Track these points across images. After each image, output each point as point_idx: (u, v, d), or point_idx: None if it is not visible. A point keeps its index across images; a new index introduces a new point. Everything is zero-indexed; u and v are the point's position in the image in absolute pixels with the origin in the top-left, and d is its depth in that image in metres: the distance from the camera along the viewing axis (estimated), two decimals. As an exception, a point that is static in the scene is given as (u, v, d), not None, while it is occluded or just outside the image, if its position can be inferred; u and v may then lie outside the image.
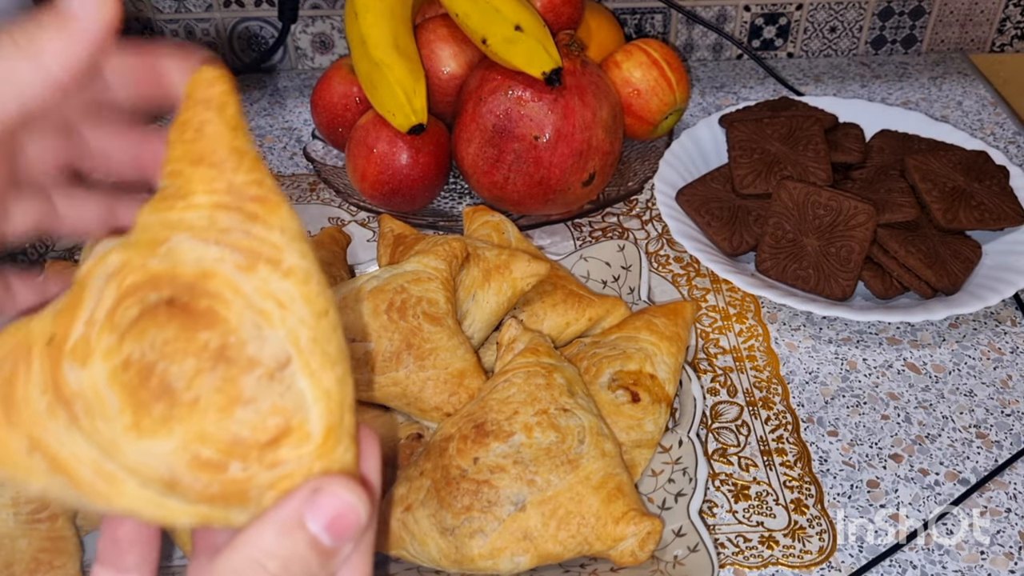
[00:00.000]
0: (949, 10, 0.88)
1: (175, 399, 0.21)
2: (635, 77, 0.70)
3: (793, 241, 0.62)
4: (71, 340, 0.21)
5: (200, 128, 0.23)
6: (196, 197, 0.22)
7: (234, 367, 0.21)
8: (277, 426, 0.22)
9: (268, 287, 0.22)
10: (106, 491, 0.22)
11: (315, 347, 0.22)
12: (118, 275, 0.22)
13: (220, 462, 0.21)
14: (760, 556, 0.48)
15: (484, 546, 0.43)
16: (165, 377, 0.21)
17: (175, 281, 0.21)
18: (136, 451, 0.21)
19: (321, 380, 0.22)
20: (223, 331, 0.21)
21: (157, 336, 0.21)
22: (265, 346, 0.22)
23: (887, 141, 0.70)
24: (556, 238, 0.69)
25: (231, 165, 0.23)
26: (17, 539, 0.44)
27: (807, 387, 0.57)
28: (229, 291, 0.22)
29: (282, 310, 0.22)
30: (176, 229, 0.22)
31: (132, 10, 0.85)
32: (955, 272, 0.60)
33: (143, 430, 0.21)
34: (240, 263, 0.22)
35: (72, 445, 0.21)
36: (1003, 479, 0.51)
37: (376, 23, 0.64)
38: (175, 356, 0.21)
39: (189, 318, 0.21)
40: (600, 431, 0.46)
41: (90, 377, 0.21)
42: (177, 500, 0.22)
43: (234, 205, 0.22)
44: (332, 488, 0.22)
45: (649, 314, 0.54)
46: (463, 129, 0.65)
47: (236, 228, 0.22)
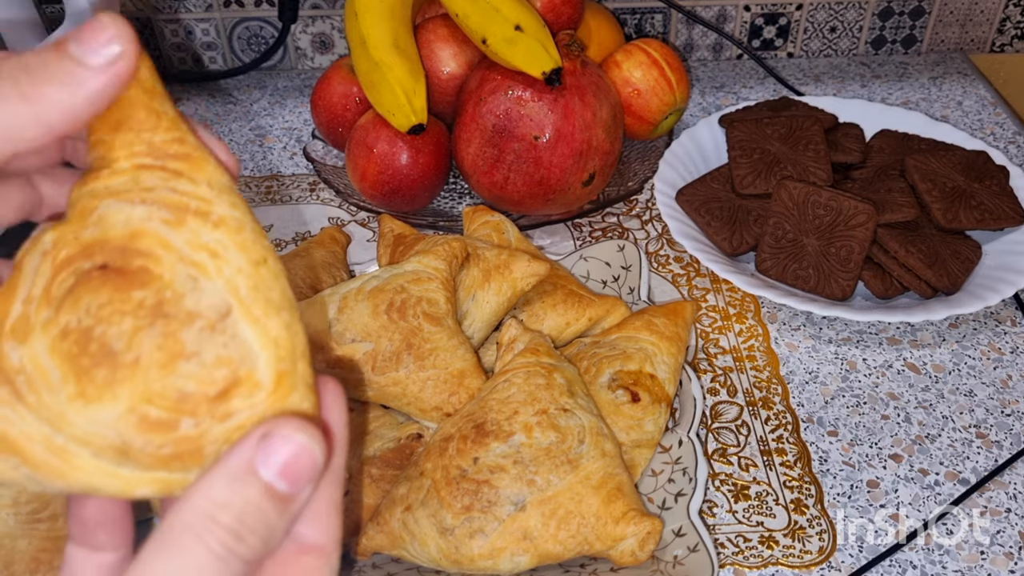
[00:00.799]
0: (949, 10, 0.88)
1: (116, 361, 0.21)
2: (635, 77, 0.70)
3: (793, 241, 0.62)
4: (10, 320, 0.21)
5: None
6: (119, 163, 0.22)
7: (173, 321, 0.21)
8: (224, 377, 0.21)
9: (199, 239, 0.22)
10: (60, 466, 0.21)
11: (256, 295, 0.22)
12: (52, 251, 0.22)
13: (169, 420, 0.21)
14: (760, 556, 0.48)
15: (484, 546, 0.43)
16: (104, 340, 0.21)
17: (106, 246, 0.21)
18: (84, 420, 0.21)
19: (266, 327, 0.22)
20: (158, 287, 0.21)
21: (92, 301, 0.21)
22: (203, 297, 0.21)
23: (887, 141, 0.70)
24: (556, 238, 0.69)
25: (149, 126, 0.22)
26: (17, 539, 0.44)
27: (807, 387, 0.57)
28: (160, 247, 0.21)
29: (216, 260, 0.21)
30: (102, 197, 0.22)
31: (132, 9, 0.85)
32: (955, 272, 0.60)
33: (88, 397, 0.21)
34: (168, 218, 0.21)
35: (20, 423, 0.21)
36: (1003, 479, 0.51)
37: (376, 23, 0.64)
38: (112, 318, 0.21)
39: (122, 279, 0.21)
40: (600, 431, 0.46)
41: (30, 351, 0.21)
42: (132, 468, 0.21)
43: (156, 165, 0.22)
44: (283, 430, 0.21)
45: (649, 314, 0.54)
46: (463, 129, 0.65)
47: (161, 186, 0.22)
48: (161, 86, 0.23)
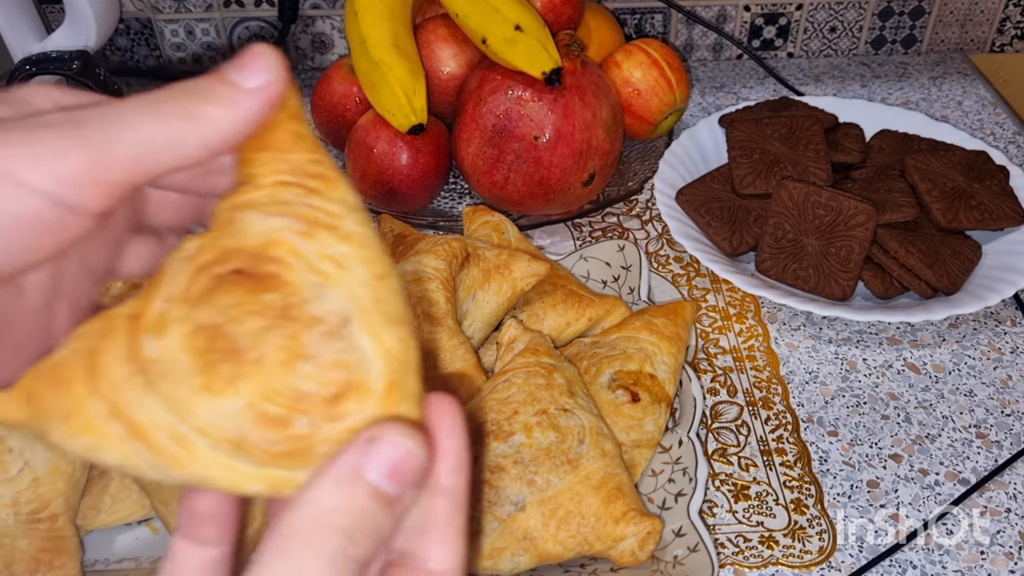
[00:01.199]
0: (949, 10, 0.88)
1: (241, 358, 0.22)
2: (635, 77, 0.70)
3: (793, 241, 0.62)
4: (150, 314, 0.23)
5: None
6: (261, 179, 0.24)
7: (297, 324, 0.22)
8: (339, 380, 0.22)
9: (327, 250, 0.23)
10: (180, 455, 0.22)
11: (376, 307, 0.23)
12: (195, 256, 0.23)
13: (285, 417, 0.22)
14: (760, 556, 0.48)
15: (484, 546, 0.43)
16: (232, 338, 0.22)
17: (242, 252, 0.23)
18: (207, 411, 0.22)
19: (382, 338, 0.23)
20: (286, 292, 0.23)
21: (225, 301, 0.22)
22: (326, 304, 0.23)
23: (887, 141, 0.70)
24: (556, 238, 0.69)
25: (291, 147, 0.25)
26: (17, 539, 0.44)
27: (807, 387, 0.57)
28: (291, 255, 0.23)
29: (341, 270, 0.23)
30: (244, 208, 0.24)
31: (133, 10, 0.85)
32: (955, 272, 0.60)
33: (213, 389, 0.22)
34: (300, 230, 0.23)
35: (149, 411, 0.22)
36: (1003, 479, 0.51)
37: (376, 23, 0.64)
38: (241, 318, 0.22)
39: (254, 282, 0.23)
40: (600, 431, 0.46)
41: (165, 345, 0.22)
42: (246, 462, 0.22)
43: (295, 182, 0.24)
44: (386, 435, 0.22)
45: (649, 314, 0.54)
46: (463, 129, 0.65)
47: (297, 201, 0.24)
48: (303, 112, 0.25)
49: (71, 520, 0.46)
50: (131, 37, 0.87)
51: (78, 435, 0.23)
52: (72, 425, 0.23)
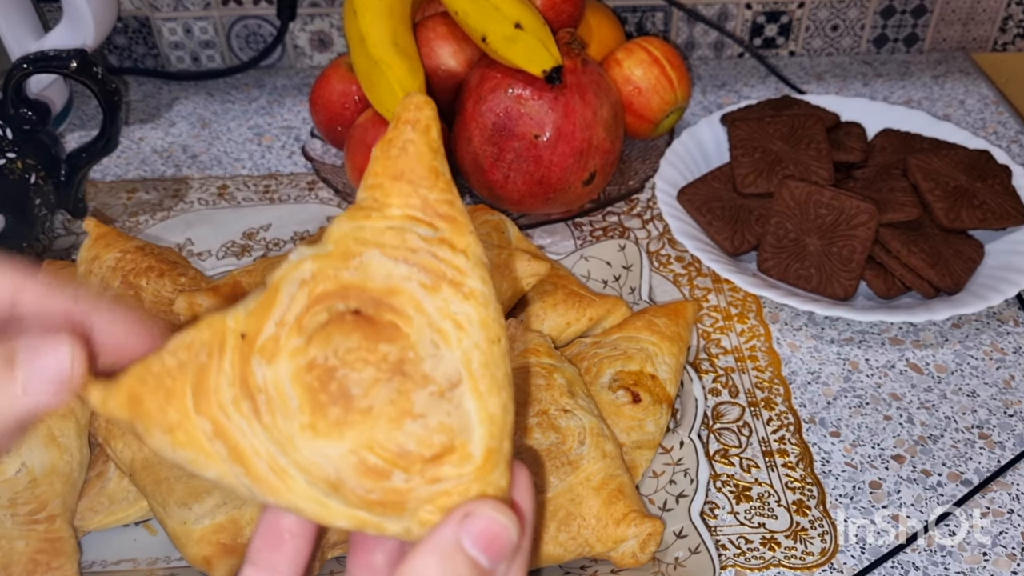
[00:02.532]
0: (951, 9, 0.88)
1: (351, 405, 0.22)
2: (636, 75, 0.70)
3: (795, 241, 0.62)
4: (261, 338, 0.23)
5: (404, 147, 0.25)
6: (391, 209, 0.24)
7: (409, 381, 0.22)
8: (442, 443, 0.23)
9: (449, 308, 0.23)
10: (276, 485, 0.23)
11: (485, 371, 0.23)
12: (311, 282, 0.23)
13: (385, 470, 0.22)
14: (762, 558, 0.47)
15: None
16: (344, 383, 0.22)
17: (363, 294, 0.23)
18: (309, 450, 0.22)
19: (487, 404, 0.23)
20: (403, 346, 0.23)
21: (341, 343, 0.22)
22: (440, 365, 0.23)
23: (889, 140, 0.70)
24: (556, 237, 0.68)
25: (428, 183, 0.24)
26: (15, 540, 0.44)
27: (809, 387, 0.57)
28: (412, 308, 0.23)
29: (459, 331, 0.23)
30: (369, 244, 0.24)
31: (131, 8, 0.85)
32: (958, 272, 0.60)
33: (318, 431, 0.22)
34: (425, 282, 0.23)
35: (252, 437, 0.23)
36: (1006, 480, 0.51)
37: (375, 21, 0.64)
38: (356, 364, 0.22)
39: (373, 329, 0.23)
40: (601, 432, 0.46)
41: (275, 374, 0.23)
42: (338, 502, 0.23)
43: (425, 220, 0.24)
44: (483, 511, 0.23)
45: (650, 314, 0.54)
46: (463, 128, 0.65)
47: (424, 249, 0.24)
48: (443, 149, 0.25)
49: (69, 521, 0.46)
50: (129, 35, 0.87)
51: (180, 447, 0.23)
52: (176, 437, 0.23)
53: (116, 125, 0.63)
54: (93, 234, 0.55)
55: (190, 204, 0.73)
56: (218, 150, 0.80)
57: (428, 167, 0.25)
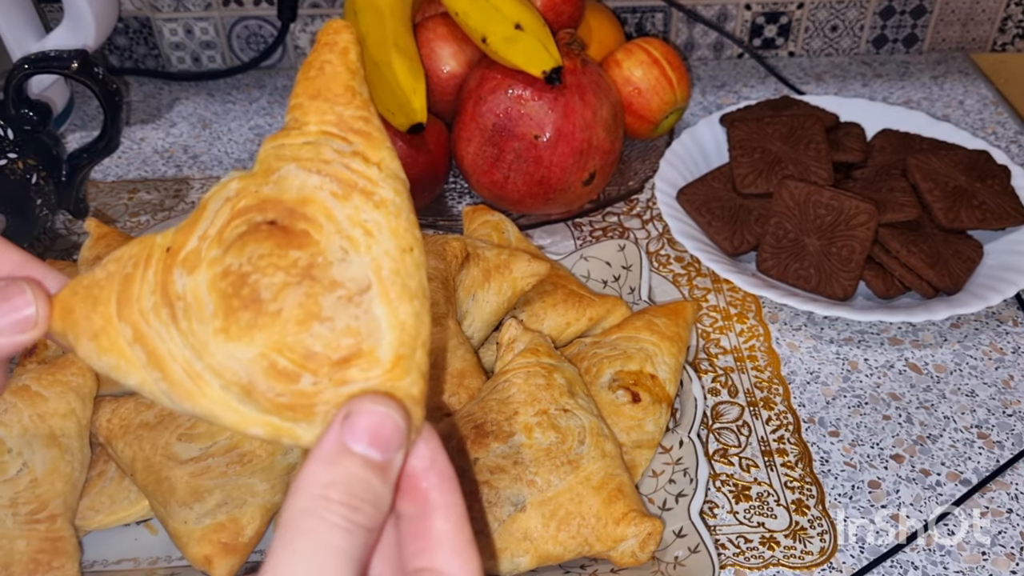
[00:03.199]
0: (950, 9, 0.88)
1: (261, 308, 0.23)
2: (636, 76, 0.70)
3: (794, 241, 0.62)
4: (184, 251, 0.24)
5: (321, 67, 0.26)
6: (308, 126, 0.25)
7: (318, 285, 0.23)
8: (349, 346, 0.23)
9: (359, 216, 0.24)
10: (192, 390, 0.23)
11: (396, 279, 0.24)
12: (234, 198, 0.24)
13: (293, 372, 0.23)
14: (761, 557, 0.47)
15: (484, 547, 0.43)
16: (256, 287, 0.23)
17: (279, 205, 0.24)
18: (222, 353, 0.23)
19: (397, 311, 0.23)
20: (312, 252, 0.23)
21: (255, 250, 0.23)
22: (348, 270, 0.23)
23: (888, 140, 0.70)
24: (556, 238, 0.68)
25: (344, 100, 0.25)
26: (16, 540, 0.44)
27: (808, 387, 0.57)
28: (323, 216, 0.23)
29: (369, 238, 0.24)
30: (286, 160, 0.24)
31: (132, 9, 0.85)
32: (957, 272, 0.60)
33: (230, 334, 0.23)
34: (336, 192, 0.24)
35: (169, 342, 0.23)
36: (1005, 479, 0.51)
37: (375, 22, 0.64)
38: (267, 269, 0.23)
39: (285, 237, 0.23)
40: (601, 431, 0.46)
41: (193, 282, 0.23)
42: (251, 407, 0.23)
43: (339, 134, 0.25)
44: (361, 406, 0.22)
45: (650, 314, 0.54)
46: (463, 128, 0.65)
47: (336, 160, 0.24)
48: (362, 70, 0.26)
49: (70, 521, 0.46)
50: (130, 36, 0.87)
51: (104, 353, 0.24)
52: (99, 343, 0.24)
53: (117, 125, 0.64)
54: (94, 234, 0.55)
55: (191, 204, 0.73)
56: (219, 150, 0.80)
57: (344, 86, 0.25)
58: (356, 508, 0.22)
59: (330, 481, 0.22)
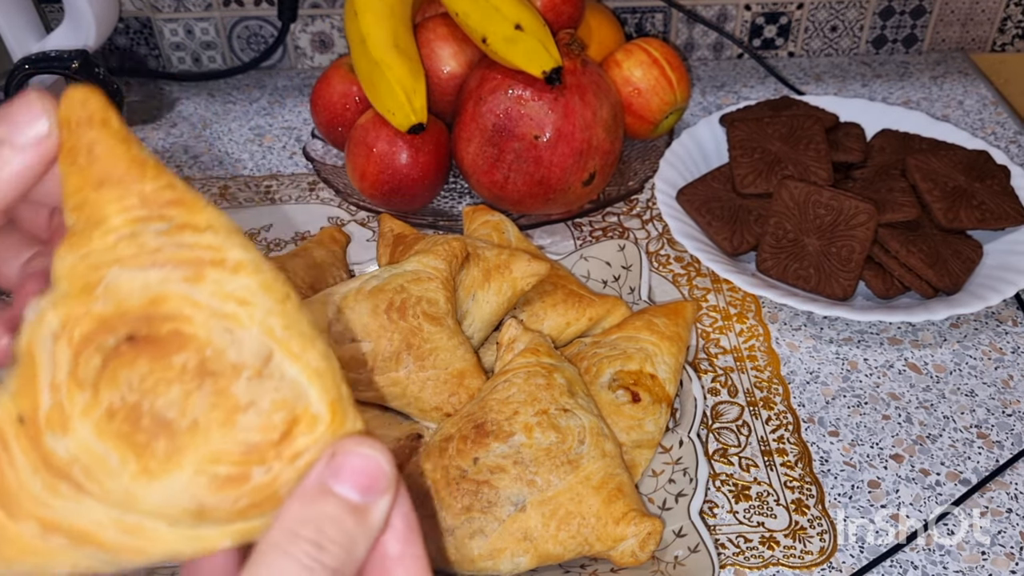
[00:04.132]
0: (950, 9, 0.88)
1: (173, 430, 0.20)
2: (635, 76, 0.70)
3: (794, 241, 0.62)
4: (42, 411, 0.20)
5: (90, 150, 0.22)
6: (111, 220, 0.21)
7: (221, 379, 0.21)
8: (283, 419, 0.21)
9: (223, 289, 0.21)
10: (137, 544, 0.21)
11: (290, 332, 0.22)
12: (63, 332, 0.21)
13: (240, 474, 0.21)
14: (761, 556, 0.47)
15: (484, 547, 0.43)
16: (155, 412, 0.20)
17: (126, 317, 0.21)
18: (153, 495, 0.21)
19: (308, 361, 0.22)
20: (196, 347, 0.21)
21: (132, 375, 0.20)
22: (243, 347, 0.21)
23: (888, 140, 0.70)
24: (556, 238, 0.69)
25: (135, 176, 0.22)
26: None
27: (808, 387, 0.57)
28: (187, 307, 0.21)
29: (246, 307, 0.21)
30: (105, 266, 0.21)
31: (132, 9, 0.85)
32: (956, 272, 0.60)
33: (153, 473, 0.20)
34: (187, 275, 0.21)
35: (86, 512, 0.21)
36: (1004, 479, 0.51)
37: (376, 22, 0.64)
38: (158, 388, 0.20)
39: (157, 347, 0.20)
40: (600, 431, 0.46)
41: (77, 440, 0.20)
42: (211, 526, 0.21)
43: (153, 215, 0.21)
44: (347, 447, 0.22)
45: (650, 314, 0.54)
46: (463, 128, 0.65)
47: (167, 243, 0.21)
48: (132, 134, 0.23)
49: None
50: (130, 36, 0.87)
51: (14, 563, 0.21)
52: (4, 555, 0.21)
53: (117, 126, 0.64)
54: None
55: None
56: (219, 151, 0.80)
57: (127, 160, 0.22)
58: (323, 548, 0.21)
59: (303, 518, 0.21)
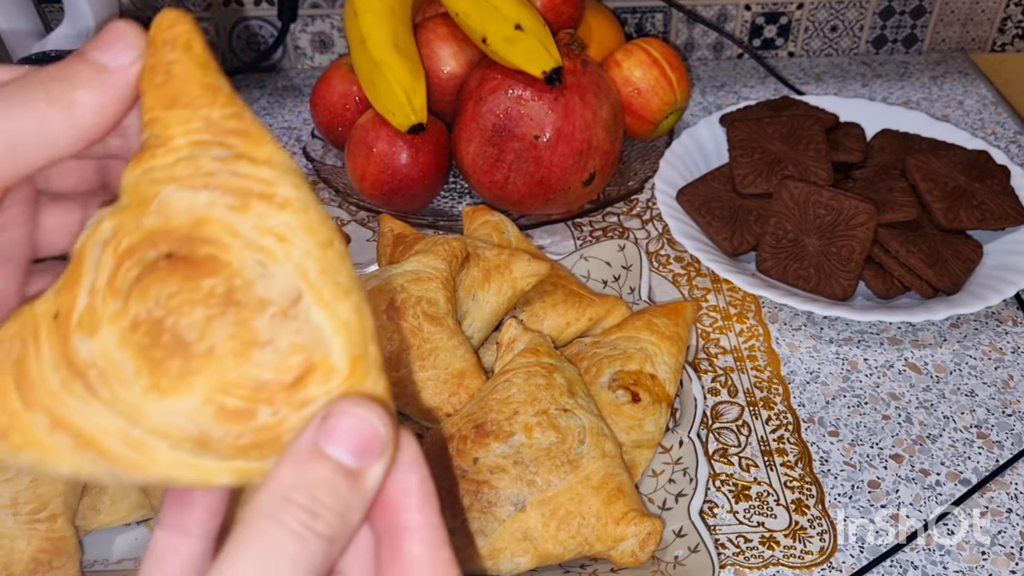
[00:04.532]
0: (950, 9, 0.88)
1: (190, 352, 0.20)
2: (635, 76, 0.70)
3: (794, 241, 0.62)
4: (76, 312, 0.21)
5: (168, 70, 0.22)
6: (175, 140, 0.22)
7: (245, 310, 0.21)
8: (299, 364, 0.21)
9: (265, 223, 0.21)
10: (137, 459, 0.21)
11: (325, 278, 0.21)
12: (113, 240, 0.21)
13: (247, 409, 0.21)
14: (761, 556, 0.47)
15: (484, 547, 0.43)
16: (176, 331, 0.20)
17: (170, 235, 0.21)
18: (160, 412, 0.21)
19: (337, 311, 0.21)
20: (227, 275, 0.21)
21: (161, 291, 0.20)
22: (273, 284, 0.21)
23: (888, 140, 0.70)
24: (556, 238, 0.69)
25: (206, 101, 0.22)
26: (16, 539, 0.44)
27: (808, 387, 0.57)
28: (226, 234, 0.21)
29: (284, 244, 0.21)
30: (162, 183, 0.21)
31: (132, 9, 0.85)
32: (956, 272, 0.60)
33: (163, 389, 0.20)
34: (232, 204, 0.21)
35: (95, 417, 0.21)
36: (1004, 479, 0.51)
37: (376, 22, 0.64)
38: (182, 308, 0.20)
39: (191, 268, 0.21)
40: (600, 431, 0.46)
41: (101, 345, 0.21)
42: (211, 458, 0.21)
43: (214, 141, 0.22)
44: (343, 408, 0.21)
45: (649, 314, 0.54)
46: (463, 128, 0.65)
47: (222, 170, 0.21)
48: (215, 61, 0.23)
49: (70, 520, 0.46)
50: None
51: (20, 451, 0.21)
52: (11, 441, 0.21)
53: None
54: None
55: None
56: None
57: (201, 85, 0.22)
58: (316, 515, 0.20)
59: (294, 484, 0.20)
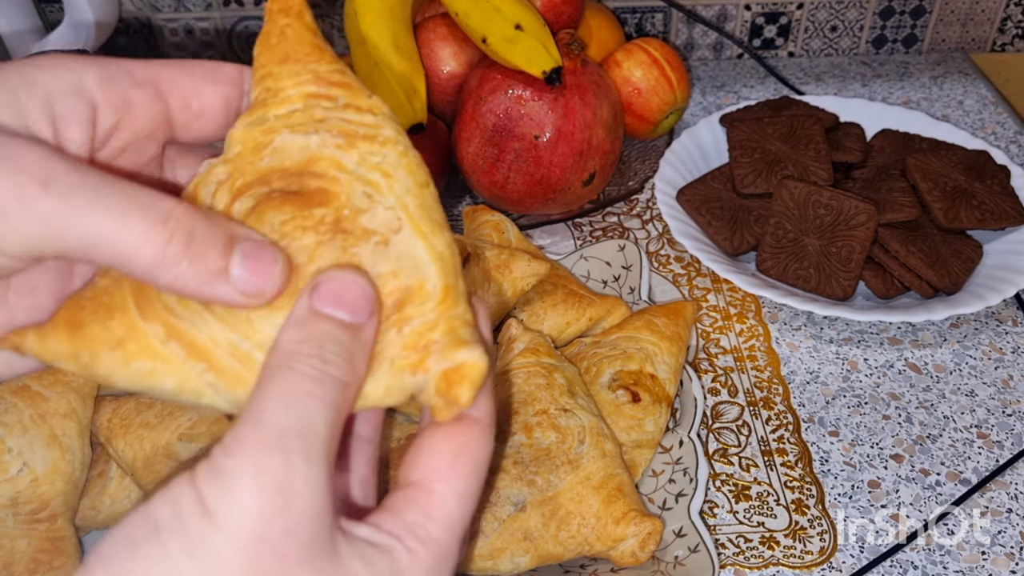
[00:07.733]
0: (950, 9, 0.88)
1: (299, 273, 0.22)
2: (635, 76, 0.70)
3: (794, 241, 0.62)
4: None
5: (283, 32, 0.25)
6: (287, 91, 0.24)
7: (351, 237, 0.23)
8: (399, 288, 0.23)
9: (371, 160, 0.23)
10: (243, 373, 0.22)
11: (423, 213, 0.23)
12: (227, 181, 0.23)
13: None
14: (761, 556, 0.47)
15: (484, 547, 0.43)
16: (288, 253, 0.22)
17: (283, 172, 0.23)
18: (269, 327, 0.22)
19: (433, 243, 0.23)
20: (336, 205, 0.23)
21: (275, 218, 0.22)
22: (377, 214, 0.23)
23: (888, 140, 0.70)
24: (556, 238, 0.69)
25: (314, 58, 0.25)
26: (16, 539, 0.44)
27: (808, 387, 0.57)
28: (335, 169, 0.23)
29: (388, 179, 0.23)
30: (276, 131, 0.24)
31: (132, 9, 0.85)
32: (956, 272, 0.60)
33: (273, 305, 0.22)
34: (340, 143, 0.23)
35: (207, 330, 0.22)
36: (1004, 479, 0.51)
37: (376, 23, 0.64)
38: (294, 233, 0.22)
39: (302, 199, 0.23)
40: (600, 431, 0.46)
41: None
42: None
43: (323, 93, 0.24)
44: (328, 275, 0.22)
45: (650, 314, 0.54)
46: (463, 128, 0.65)
47: (331, 116, 0.24)
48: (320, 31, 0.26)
49: (70, 520, 0.46)
50: (130, 37, 0.87)
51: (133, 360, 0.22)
52: (126, 350, 0.22)
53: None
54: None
55: (191, 205, 0.73)
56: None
57: (311, 44, 0.25)
58: (327, 360, 0.22)
59: (301, 338, 0.22)
